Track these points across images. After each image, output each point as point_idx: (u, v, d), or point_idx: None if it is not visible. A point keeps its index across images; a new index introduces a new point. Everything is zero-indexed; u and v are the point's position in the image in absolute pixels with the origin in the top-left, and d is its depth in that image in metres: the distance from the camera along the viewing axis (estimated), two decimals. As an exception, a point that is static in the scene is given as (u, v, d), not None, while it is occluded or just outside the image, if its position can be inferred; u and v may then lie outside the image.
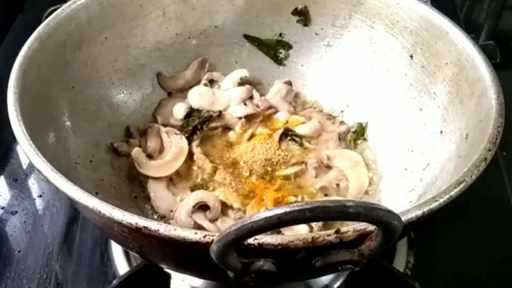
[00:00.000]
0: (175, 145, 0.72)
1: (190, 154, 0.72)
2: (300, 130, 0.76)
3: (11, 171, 0.82)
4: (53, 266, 0.69)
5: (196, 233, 0.40)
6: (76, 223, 0.74)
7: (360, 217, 0.35)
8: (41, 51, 0.62)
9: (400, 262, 0.70)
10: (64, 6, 0.67)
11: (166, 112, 0.78)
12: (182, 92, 0.80)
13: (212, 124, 0.75)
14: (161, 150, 0.73)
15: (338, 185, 0.70)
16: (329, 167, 0.72)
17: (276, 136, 0.74)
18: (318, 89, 0.81)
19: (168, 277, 0.64)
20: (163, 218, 0.66)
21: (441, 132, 0.64)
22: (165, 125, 0.75)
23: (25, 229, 0.73)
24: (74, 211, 0.75)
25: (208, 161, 0.71)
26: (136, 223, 0.42)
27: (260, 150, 0.72)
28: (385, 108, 0.74)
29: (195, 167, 0.72)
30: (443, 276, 0.69)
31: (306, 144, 0.75)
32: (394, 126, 0.72)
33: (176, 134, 0.73)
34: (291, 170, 0.71)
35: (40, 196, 0.78)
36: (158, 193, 0.68)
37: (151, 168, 0.70)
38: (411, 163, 0.67)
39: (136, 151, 0.70)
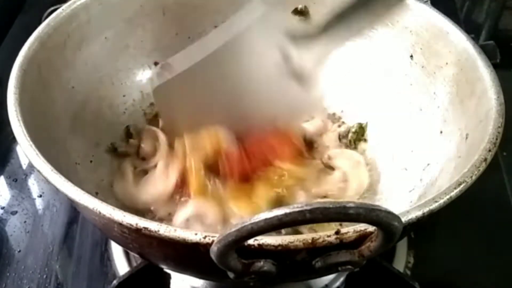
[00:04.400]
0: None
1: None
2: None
3: (11, 171, 0.82)
4: (53, 266, 0.69)
5: (196, 234, 0.40)
6: (76, 223, 0.74)
7: (360, 218, 0.35)
8: (41, 51, 0.61)
9: (400, 262, 0.70)
10: (64, 6, 0.67)
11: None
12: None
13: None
14: (154, 153, 0.71)
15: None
16: (330, 168, 0.72)
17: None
18: (318, 89, 0.81)
19: (168, 277, 0.64)
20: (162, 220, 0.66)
21: (441, 132, 0.64)
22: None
23: (25, 229, 0.73)
24: (74, 211, 0.75)
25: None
26: (136, 224, 0.42)
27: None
28: (385, 108, 0.74)
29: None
30: (443, 276, 0.69)
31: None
32: (394, 126, 0.72)
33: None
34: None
35: (40, 196, 0.78)
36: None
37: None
38: (411, 163, 0.67)
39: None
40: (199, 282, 0.66)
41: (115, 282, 0.60)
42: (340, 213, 0.35)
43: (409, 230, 0.49)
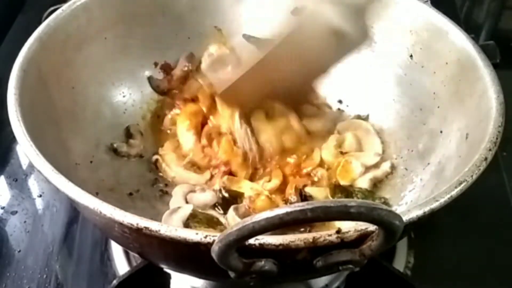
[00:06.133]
0: None
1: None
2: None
3: (11, 171, 0.82)
4: (53, 266, 0.69)
5: (197, 234, 0.40)
6: (76, 223, 0.74)
7: (362, 217, 0.35)
8: (41, 51, 0.61)
9: (400, 262, 0.70)
10: (64, 6, 0.67)
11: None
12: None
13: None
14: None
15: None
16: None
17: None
18: (317, 89, 0.81)
19: (168, 277, 0.64)
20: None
21: (441, 132, 0.64)
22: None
23: (25, 229, 0.73)
24: (74, 211, 0.75)
25: None
26: (137, 224, 0.42)
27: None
28: (385, 108, 0.74)
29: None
30: (443, 276, 0.69)
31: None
32: (394, 126, 0.72)
33: None
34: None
35: (40, 196, 0.78)
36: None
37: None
38: (411, 163, 0.67)
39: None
40: (199, 282, 0.66)
41: (115, 282, 0.60)
42: (341, 212, 0.35)
43: (410, 229, 0.49)
